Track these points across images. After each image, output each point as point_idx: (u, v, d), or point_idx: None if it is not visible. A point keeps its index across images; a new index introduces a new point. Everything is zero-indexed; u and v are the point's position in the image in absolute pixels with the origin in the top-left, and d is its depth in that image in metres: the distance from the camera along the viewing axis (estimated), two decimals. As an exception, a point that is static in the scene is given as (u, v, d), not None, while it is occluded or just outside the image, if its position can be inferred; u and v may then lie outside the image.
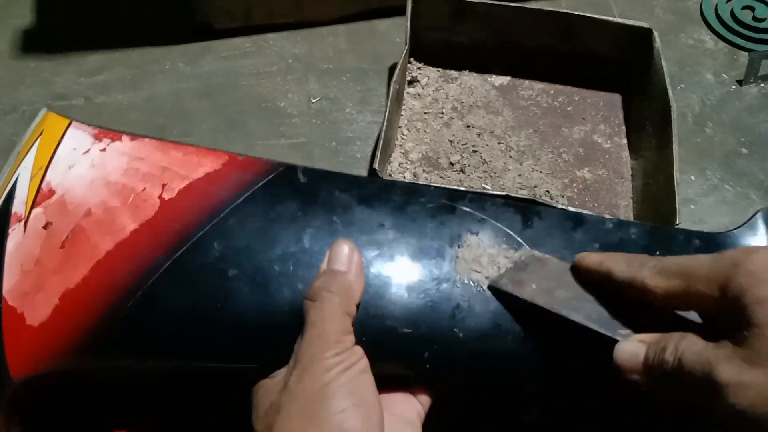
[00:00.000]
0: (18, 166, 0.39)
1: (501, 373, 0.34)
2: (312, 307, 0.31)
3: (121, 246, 0.35)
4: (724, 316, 0.28)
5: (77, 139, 0.40)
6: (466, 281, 0.35)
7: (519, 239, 0.37)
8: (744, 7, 0.77)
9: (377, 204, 0.37)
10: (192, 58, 0.72)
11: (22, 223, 0.37)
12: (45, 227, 0.36)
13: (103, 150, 0.39)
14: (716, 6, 0.78)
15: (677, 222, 0.48)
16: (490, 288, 0.35)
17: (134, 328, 0.34)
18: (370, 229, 0.36)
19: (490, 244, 0.36)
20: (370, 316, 0.34)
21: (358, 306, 0.33)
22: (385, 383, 0.33)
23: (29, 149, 0.40)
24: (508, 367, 0.34)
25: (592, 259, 0.33)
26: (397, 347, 0.34)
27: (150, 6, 0.76)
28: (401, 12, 0.65)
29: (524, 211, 0.38)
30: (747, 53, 0.73)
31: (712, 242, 0.39)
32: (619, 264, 0.32)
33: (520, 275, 0.35)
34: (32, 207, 0.37)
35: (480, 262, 0.36)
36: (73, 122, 0.40)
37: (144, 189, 0.37)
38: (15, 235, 0.36)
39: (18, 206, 0.37)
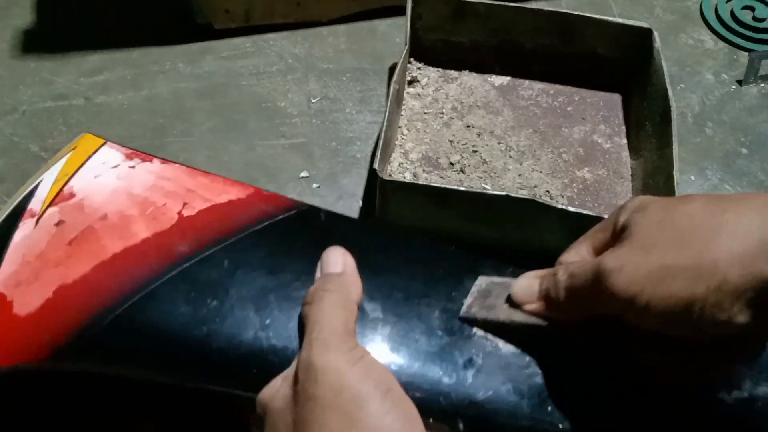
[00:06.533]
0: (44, 173, 0.39)
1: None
2: (311, 309, 0.30)
3: (128, 250, 0.35)
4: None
5: (108, 155, 0.40)
6: (482, 336, 0.34)
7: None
8: (744, 7, 0.77)
9: (394, 253, 0.37)
10: (192, 58, 0.72)
11: (35, 219, 0.37)
12: (57, 224, 0.36)
13: (132, 167, 0.39)
14: (716, 6, 0.78)
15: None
16: (461, 319, 0.35)
17: (125, 333, 0.33)
18: (383, 276, 0.36)
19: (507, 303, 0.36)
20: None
21: (358, 307, 0.32)
22: None
23: (58, 160, 0.40)
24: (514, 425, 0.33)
25: (520, 292, 0.34)
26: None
27: (150, 6, 0.76)
28: (401, 12, 0.65)
29: None
30: (747, 53, 0.74)
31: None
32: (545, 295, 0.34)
33: (488, 301, 0.35)
34: (49, 206, 0.37)
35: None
36: (108, 142, 0.41)
37: (165, 204, 0.37)
38: (24, 228, 0.36)
39: (35, 204, 0.37)
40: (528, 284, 0.34)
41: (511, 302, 0.34)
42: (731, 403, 0.33)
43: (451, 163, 0.61)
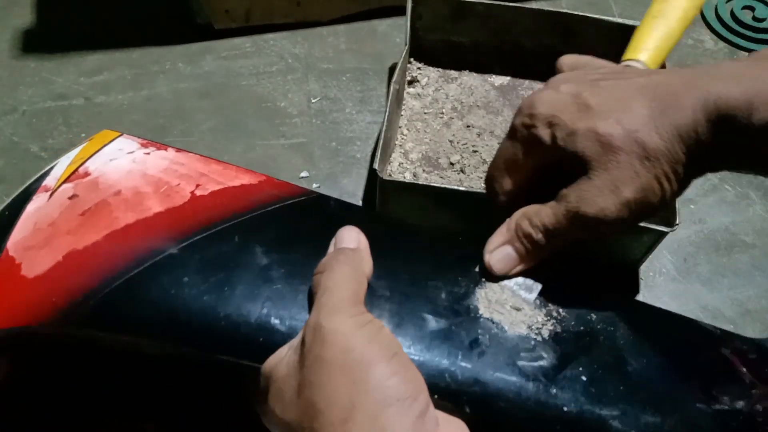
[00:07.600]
0: (59, 159, 0.40)
1: (510, 417, 0.33)
2: (322, 277, 0.31)
3: (141, 222, 0.36)
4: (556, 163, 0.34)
5: (124, 143, 0.41)
6: (487, 318, 0.34)
7: (543, 290, 0.36)
8: (744, 7, 0.77)
9: (403, 241, 0.38)
10: (192, 58, 0.72)
11: (49, 192, 0.37)
12: (70, 198, 0.36)
13: (147, 153, 0.40)
14: (716, 6, 0.78)
15: (677, 222, 0.48)
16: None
17: (134, 297, 0.33)
18: (392, 260, 0.36)
19: (514, 292, 0.36)
20: None
21: (368, 284, 0.32)
22: None
23: (74, 149, 0.41)
24: (519, 412, 0.33)
25: (500, 265, 0.36)
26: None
27: (150, 6, 0.76)
28: (401, 12, 0.65)
29: (554, 273, 0.38)
30: (747, 53, 0.74)
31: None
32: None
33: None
34: (63, 182, 0.38)
35: (503, 305, 0.35)
36: (124, 134, 0.42)
37: (178, 184, 0.38)
38: (38, 200, 0.37)
39: (49, 181, 0.38)
40: (504, 253, 0.36)
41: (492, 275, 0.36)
42: (711, 414, 0.33)
43: (451, 163, 0.61)
